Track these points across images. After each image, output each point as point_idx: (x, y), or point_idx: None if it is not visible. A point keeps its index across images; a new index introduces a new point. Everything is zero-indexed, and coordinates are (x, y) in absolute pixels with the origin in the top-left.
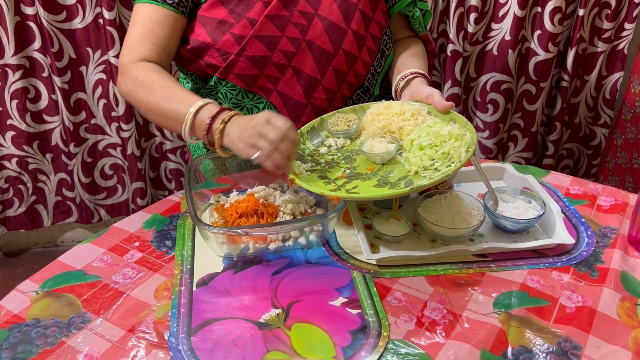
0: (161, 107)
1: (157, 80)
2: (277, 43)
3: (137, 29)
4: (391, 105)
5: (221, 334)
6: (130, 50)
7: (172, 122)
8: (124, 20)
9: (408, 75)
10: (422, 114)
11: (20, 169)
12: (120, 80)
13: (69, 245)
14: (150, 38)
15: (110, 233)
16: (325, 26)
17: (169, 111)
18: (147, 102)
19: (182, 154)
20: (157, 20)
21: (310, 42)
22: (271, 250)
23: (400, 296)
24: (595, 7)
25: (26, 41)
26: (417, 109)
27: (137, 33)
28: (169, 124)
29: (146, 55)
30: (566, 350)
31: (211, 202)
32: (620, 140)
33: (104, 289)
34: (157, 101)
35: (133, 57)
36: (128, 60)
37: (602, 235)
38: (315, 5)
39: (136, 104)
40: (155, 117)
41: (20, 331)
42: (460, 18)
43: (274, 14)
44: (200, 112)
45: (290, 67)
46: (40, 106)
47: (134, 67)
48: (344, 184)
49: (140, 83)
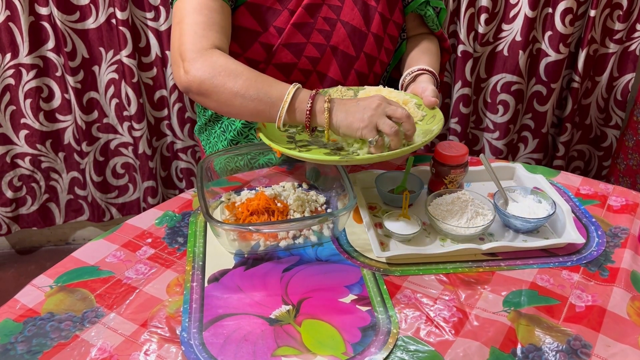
0: (251, 91)
1: (240, 65)
2: (304, 50)
3: (196, 17)
4: (380, 90)
5: (232, 329)
6: (198, 38)
7: (264, 105)
8: (137, 21)
9: (415, 72)
10: (409, 105)
11: (33, 168)
12: (192, 67)
13: (80, 243)
14: (214, 26)
15: (123, 230)
16: (348, 31)
17: (262, 93)
18: (232, 87)
19: (193, 154)
20: (214, 9)
21: (334, 47)
22: (282, 247)
23: (410, 294)
24: (607, 8)
25: (40, 41)
26: (406, 99)
27: (199, 21)
28: (261, 109)
29: (216, 42)
30: (576, 349)
31: (222, 199)
32: (631, 142)
33: (117, 285)
34: (246, 84)
35: (204, 44)
36: (199, 47)
37: (613, 235)
38: (337, 11)
39: (215, 89)
40: (241, 101)
41: (35, 325)
42: (471, 19)
43: (300, 21)
44: (299, 93)
45: (315, 72)
46: (54, 105)
47: (211, 52)
48: (303, 145)
49: (221, 68)
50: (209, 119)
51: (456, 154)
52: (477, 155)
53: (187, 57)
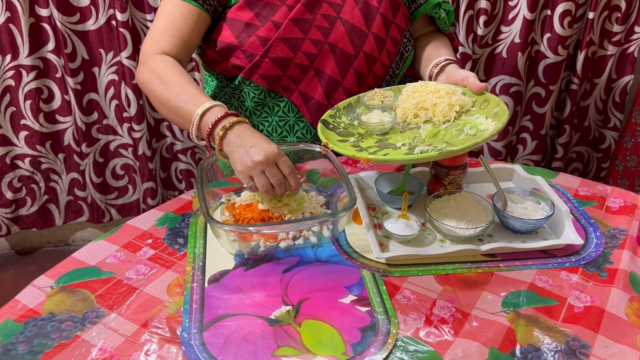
0: (171, 103)
1: (173, 74)
2: (301, 45)
3: (161, 22)
4: (427, 84)
5: (232, 329)
6: (152, 42)
7: (181, 119)
8: (137, 22)
9: (442, 62)
10: (456, 94)
11: (33, 169)
12: (139, 69)
13: (79, 244)
14: (172, 31)
15: (124, 230)
16: (347, 29)
17: (178, 107)
18: (160, 95)
19: (192, 155)
20: (181, 14)
21: (332, 45)
22: (282, 248)
23: (410, 294)
24: (605, 10)
25: (40, 42)
26: (452, 89)
27: (161, 26)
28: (178, 121)
29: (166, 48)
30: (574, 349)
31: (222, 200)
32: (630, 144)
33: (118, 285)
34: (169, 96)
35: (154, 49)
36: (149, 51)
37: (611, 236)
38: (337, 9)
39: (150, 95)
40: (165, 111)
41: (35, 325)
42: (470, 21)
43: (298, 17)
44: (206, 114)
45: (313, 68)
46: (54, 106)
47: (154, 58)
48: (375, 151)
49: (156, 75)
50: None
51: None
52: (476, 156)
53: (140, 59)
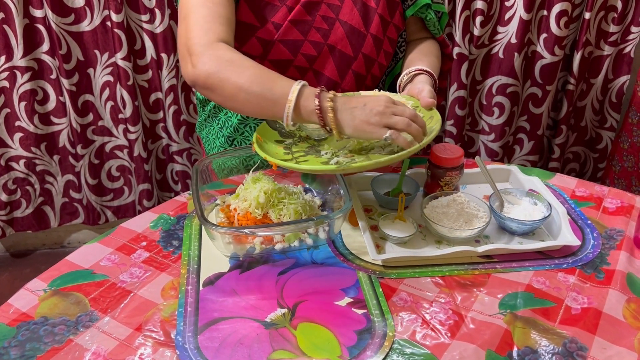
0: (254, 87)
1: (244, 60)
2: (300, 47)
3: (202, 11)
4: (376, 94)
5: (227, 332)
6: (203, 32)
7: (267, 102)
8: (132, 23)
9: (413, 72)
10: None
11: (27, 171)
12: (198, 61)
13: (75, 247)
14: (219, 18)
15: (118, 233)
16: (346, 30)
17: (265, 89)
18: (237, 81)
19: (188, 156)
20: (218, 2)
21: (332, 46)
22: (277, 250)
23: (406, 296)
24: (602, 10)
25: (35, 43)
26: (403, 101)
27: (204, 14)
28: (262, 104)
29: (221, 35)
30: (572, 351)
31: (217, 202)
32: (626, 144)
33: (112, 288)
34: (250, 79)
35: (210, 38)
36: (203, 41)
37: (608, 237)
38: (336, 10)
39: (221, 84)
40: (245, 96)
41: (28, 329)
42: (466, 21)
43: (297, 18)
44: (304, 91)
45: (312, 70)
46: (48, 108)
47: (216, 46)
48: (299, 156)
49: (227, 62)
50: (208, 114)
51: (452, 157)
52: (473, 157)
53: (194, 51)
